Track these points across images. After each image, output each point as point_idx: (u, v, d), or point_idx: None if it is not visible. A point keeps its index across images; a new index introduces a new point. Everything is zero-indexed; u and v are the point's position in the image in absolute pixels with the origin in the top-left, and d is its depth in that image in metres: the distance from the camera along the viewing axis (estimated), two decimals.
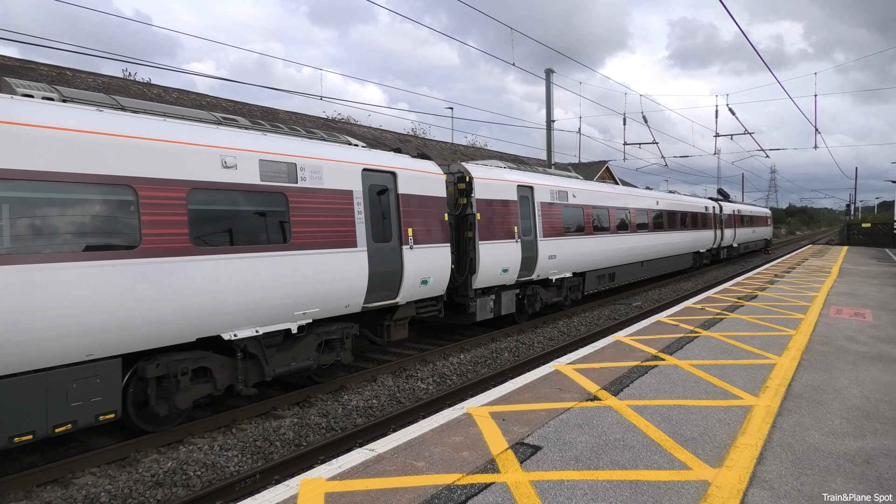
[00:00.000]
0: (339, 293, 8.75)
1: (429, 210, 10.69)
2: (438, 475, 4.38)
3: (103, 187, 6.23)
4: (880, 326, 10.34)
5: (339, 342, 9.25)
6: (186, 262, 6.84)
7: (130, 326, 6.38)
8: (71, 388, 6.02)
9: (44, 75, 17.25)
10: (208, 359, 7.46)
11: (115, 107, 6.90)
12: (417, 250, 10.23)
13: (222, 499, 5.86)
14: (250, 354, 7.86)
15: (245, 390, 7.85)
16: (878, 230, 46.93)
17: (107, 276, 6.15)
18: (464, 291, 12.24)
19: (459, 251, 12.12)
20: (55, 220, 5.88)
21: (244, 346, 7.69)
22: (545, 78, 23.79)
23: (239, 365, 7.74)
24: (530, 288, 14.40)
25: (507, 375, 9.93)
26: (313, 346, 8.81)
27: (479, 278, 12.18)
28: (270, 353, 8.13)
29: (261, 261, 7.61)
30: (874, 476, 4.36)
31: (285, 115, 25.22)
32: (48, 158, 5.84)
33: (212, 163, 7.24)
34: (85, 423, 6.16)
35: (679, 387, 6.61)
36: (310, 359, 8.72)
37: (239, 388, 7.80)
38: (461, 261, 12.17)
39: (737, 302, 13.31)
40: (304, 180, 8.33)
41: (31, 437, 5.79)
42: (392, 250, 9.76)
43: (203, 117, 7.89)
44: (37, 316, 5.63)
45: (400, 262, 9.87)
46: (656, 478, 4.31)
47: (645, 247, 20.90)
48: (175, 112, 7.59)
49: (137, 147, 6.55)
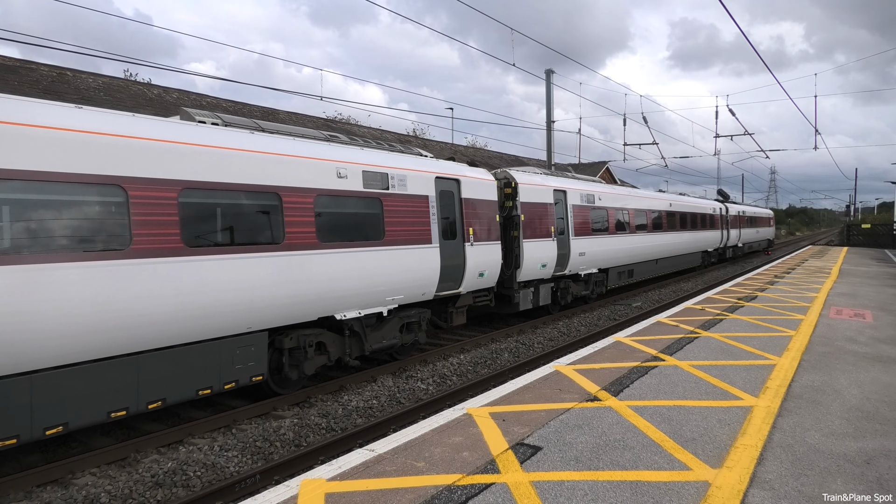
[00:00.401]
0: (419, 282, 10.28)
1: (484, 212, 12.29)
2: (439, 476, 4.38)
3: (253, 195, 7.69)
4: (880, 327, 10.34)
5: (416, 324, 10.78)
6: (315, 255, 8.34)
7: (277, 306, 7.82)
8: (236, 353, 7.52)
9: (44, 75, 17.24)
10: (324, 335, 8.97)
11: (256, 129, 8.50)
12: (476, 247, 11.78)
13: (222, 499, 5.86)
14: (354, 332, 9.38)
15: (351, 361, 9.41)
16: (878, 231, 46.95)
17: (263, 264, 7.67)
18: (509, 284, 13.71)
19: (505, 248, 13.40)
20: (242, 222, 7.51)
21: (350, 325, 9.24)
22: (545, 78, 23.78)
23: (346, 341, 9.26)
24: (563, 282, 15.97)
25: (507, 376, 9.93)
26: (397, 328, 10.32)
27: (523, 272, 13.70)
28: (368, 332, 9.67)
29: (365, 254, 9.17)
30: (874, 477, 4.36)
31: (285, 116, 25.22)
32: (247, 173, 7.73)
33: (330, 174, 8.75)
34: (243, 382, 7.66)
35: (679, 387, 6.61)
36: (395, 338, 10.26)
37: (346, 359, 9.32)
38: (507, 257, 13.53)
39: (737, 303, 13.31)
40: (393, 187, 9.89)
41: (210, 391, 7.26)
42: (457, 246, 11.25)
43: (316, 135, 9.45)
44: (222, 293, 7.14)
45: (463, 256, 11.38)
46: (656, 478, 4.31)
47: (660, 245, 22.45)
48: (298, 132, 9.20)
49: (281, 161, 8.09)
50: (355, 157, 9.37)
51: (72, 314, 5.82)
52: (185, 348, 6.98)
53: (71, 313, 5.81)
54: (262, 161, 7.80)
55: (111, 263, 6.14)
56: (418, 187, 10.38)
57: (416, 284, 10.18)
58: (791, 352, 8.33)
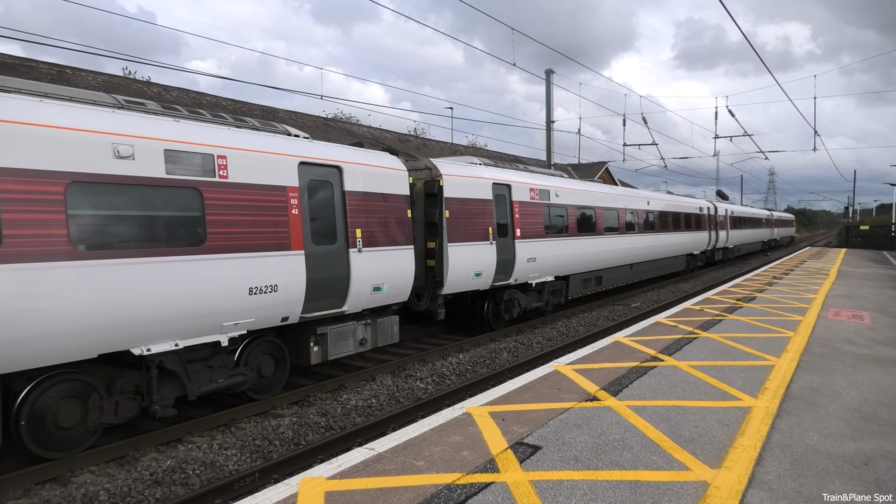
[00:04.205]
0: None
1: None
2: (438, 474, 4.38)
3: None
4: (878, 329, 10.36)
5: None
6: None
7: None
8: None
9: (44, 73, 17.24)
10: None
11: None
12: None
13: (221, 497, 5.86)
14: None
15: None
16: (877, 233, 47.04)
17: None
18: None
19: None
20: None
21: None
22: (545, 78, 23.80)
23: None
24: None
25: (507, 375, 9.93)
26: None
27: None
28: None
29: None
30: (873, 477, 4.37)
31: (285, 115, 25.23)
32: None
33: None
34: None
35: (678, 388, 6.62)
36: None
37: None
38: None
39: (735, 303, 13.33)
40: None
41: None
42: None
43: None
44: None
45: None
46: (655, 478, 4.32)
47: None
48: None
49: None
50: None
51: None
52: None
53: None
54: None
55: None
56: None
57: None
58: (789, 353, 8.35)
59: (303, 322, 8.74)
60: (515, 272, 13.46)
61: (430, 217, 11.57)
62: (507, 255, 13.16)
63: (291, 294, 8.23)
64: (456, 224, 11.69)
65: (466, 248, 11.89)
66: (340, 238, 9.16)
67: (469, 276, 12.06)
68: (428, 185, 11.65)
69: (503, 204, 13.22)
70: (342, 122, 33.93)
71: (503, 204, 13.22)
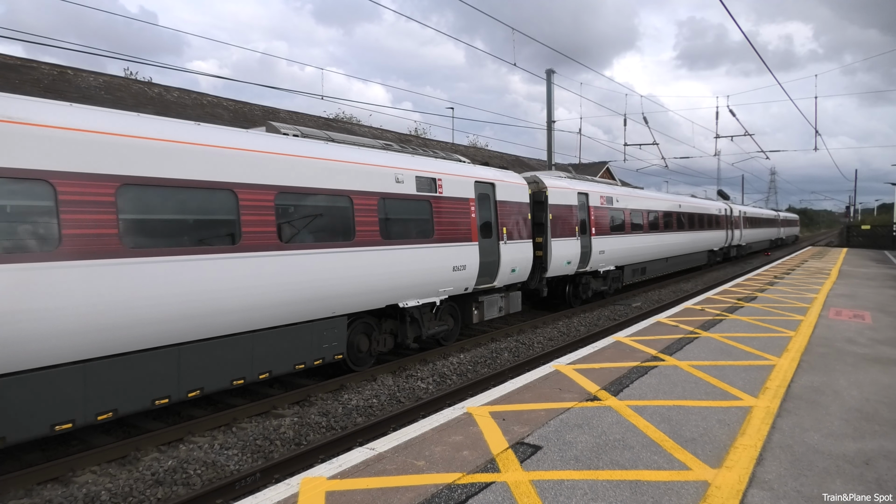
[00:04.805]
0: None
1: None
2: (439, 474, 4.39)
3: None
4: (879, 328, 10.35)
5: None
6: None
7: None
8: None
9: (45, 74, 17.25)
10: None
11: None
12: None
13: (223, 497, 5.87)
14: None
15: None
16: (878, 232, 46.95)
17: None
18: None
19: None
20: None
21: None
22: (546, 78, 23.79)
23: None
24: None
25: (507, 375, 9.94)
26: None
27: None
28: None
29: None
30: (873, 477, 4.37)
31: (286, 115, 25.23)
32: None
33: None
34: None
35: (679, 387, 6.62)
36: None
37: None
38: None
39: (736, 303, 13.32)
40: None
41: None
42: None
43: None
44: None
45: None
46: (656, 478, 4.32)
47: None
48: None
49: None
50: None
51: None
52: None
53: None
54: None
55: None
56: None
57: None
58: (790, 352, 8.35)
59: (469, 293, 12.27)
60: (592, 261, 17.21)
61: (537, 218, 14.94)
62: (587, 248, 16.84)
63: (471, 271, 11.82)
64: (556, 224, 15.33)
65: (563, 242, 15.59)
66: (494, 233, 12.64)
67: (564, 263, 15.76)
68: (536, 194, 15.16)
69: (584, 208, 16.98)
70: (343, 123, 33.95)
71: (584, 208, 16.98)
